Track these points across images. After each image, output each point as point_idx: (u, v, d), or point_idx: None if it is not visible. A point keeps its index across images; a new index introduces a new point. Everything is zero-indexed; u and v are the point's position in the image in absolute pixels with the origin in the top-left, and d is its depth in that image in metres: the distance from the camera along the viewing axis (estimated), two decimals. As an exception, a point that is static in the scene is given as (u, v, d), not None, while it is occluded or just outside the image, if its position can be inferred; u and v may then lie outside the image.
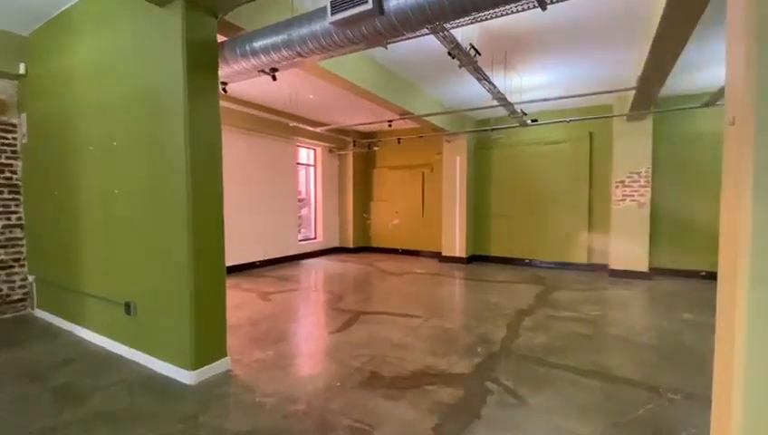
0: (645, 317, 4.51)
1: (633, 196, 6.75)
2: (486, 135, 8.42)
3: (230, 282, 6.27)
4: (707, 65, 5.00)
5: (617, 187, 6.86)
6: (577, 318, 4.46)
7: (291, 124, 6.84)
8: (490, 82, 4.33)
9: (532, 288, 6.00)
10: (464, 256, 8.31)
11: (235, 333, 3.84)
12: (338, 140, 9.30)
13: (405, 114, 6.06)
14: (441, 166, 8.63)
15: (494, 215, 8.45)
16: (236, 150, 7.04)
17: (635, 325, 4.19)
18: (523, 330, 4.04)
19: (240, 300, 5.22)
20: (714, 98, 5.06)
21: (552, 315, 4.57)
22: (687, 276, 6.73)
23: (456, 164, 8.34)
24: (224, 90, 3.82)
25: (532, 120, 6.43)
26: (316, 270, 7.74)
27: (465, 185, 8.25)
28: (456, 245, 8.38)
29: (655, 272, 6.68)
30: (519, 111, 5.92)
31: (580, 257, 7.58)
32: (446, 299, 5.52)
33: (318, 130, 7.33)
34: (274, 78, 3.91)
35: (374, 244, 10.16)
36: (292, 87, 6.18)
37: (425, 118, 6.36)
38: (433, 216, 9.03)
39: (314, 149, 9.50)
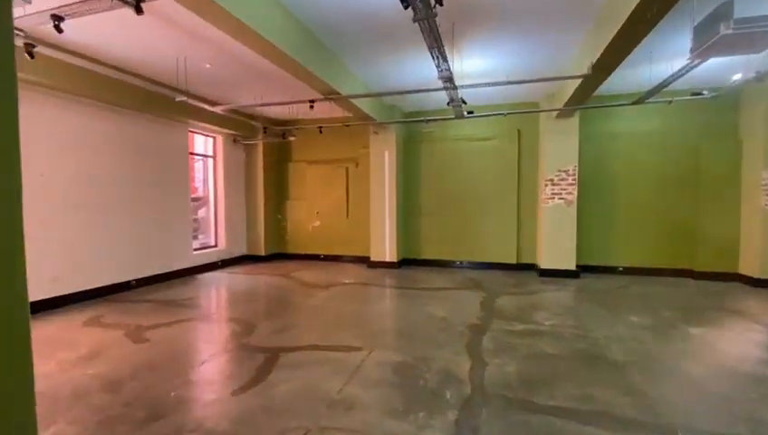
0: (598, 324, 4.19)
1: (561, 194, 6.70)
2: (416, 128, 7.78)
3: (86, 314, 4.48)
4: (639, 63, 4.97)
5: (546, 185, 6.75)
6: (535, 331, 3.93)
7: (177, 99, 5.22)
8: (441, 53, 3.53)
9: (473, 295, 5.44)
10: (395, 260, 7.53)
11: (75, 408, 2.38)
12: (244, 126, 7.76)
13: (331, 95, 4.99)
14: (368, 161, 7.73)
15: (425, 214, 7.85)
16: (90, 131, 5.17)
17: (595, 336, 3.80)
18: (487, 355, 3.32)
19: (96, 343, 3.60)
20: (647, 95, 5.06)
21: (508, 330, 3.98)
22: (608, 272, 6.92)
23: (384, 159, 7.51)
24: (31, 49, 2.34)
25: (469, 112, 5.90)
26: (218, 287, 6.19)
27: (394, 182, 7.48)
28: (387, 248, 7.56)
29: (581, 269, 6.72)
30: (460, 98, 5.31)
31: (510, 257, 7.38)
32: (386, 317, 4.61)
33: (217, 109, 5.80)
34: (139, 10, 2.55)
35: (291, 250, 8.82)
36: (179, 51, 4.65)
37: (352, 100, 5.36)
38: (359, 217, 8.08)
39: (213, 137, 7.80)
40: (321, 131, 6.71)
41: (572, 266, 6.67)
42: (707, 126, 6.48)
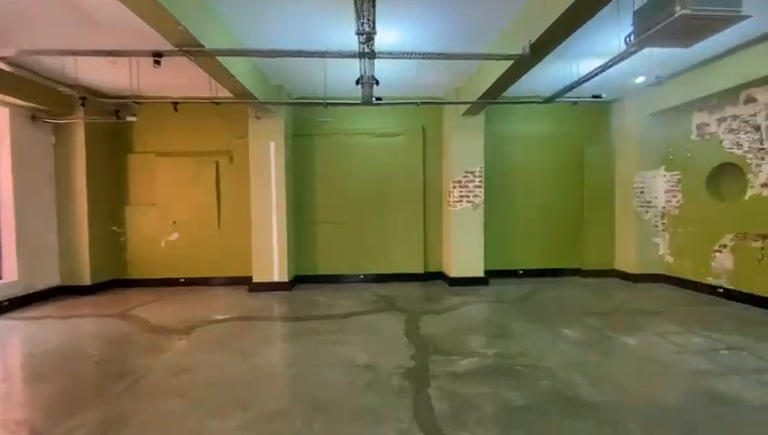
0: (539, 345, 3.62)
1: (469, 196, 6.26)
2: (310, 117, 6.43)
3: None
4: (552, 63, 4.73)
5: (453, 187, 6.23)
6: (484, 369, 3.08)
7: None
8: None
9: (392, 320, 4.43)
10: (285, 279, 6.02)
11: None
12: (49, 94, 5.21)
13: (188, 46, 3.33)
14: (246, 154, 6.05)
15: (321, 222, 6.56)
16: None
17: (549, 365, 3.15)
18: (447, 426, 2.28)
19: None
20: (560, 93, 4.86)
21: (454, 372, 3.04)
22: (510, 276, 6.78)
23: (269, 152, 5.96)
24: None
25: (377, 99, 4.90)
26: (2, 347, 3.77)
27: (283, 182, 5.99)
28: (274, 266, 6.00)
29: (487, 275, 6.38)
30: (372, 75, 4.24)
31: (417, 267, 6.67)
32: (284, 380, 3.13)
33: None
34: None
35: (134, 274, 6.43)
36: None
37: (222, 61, 3.77)
38: (236, 226, 6.30)
39: (-9, 110, 5.04)
40: (176, 109, 4.79)
41: (481, 273, 6.28)
42: (589, 131, 6.89)
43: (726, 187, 5.36)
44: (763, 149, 4.69)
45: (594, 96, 5.51)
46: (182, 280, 6.41)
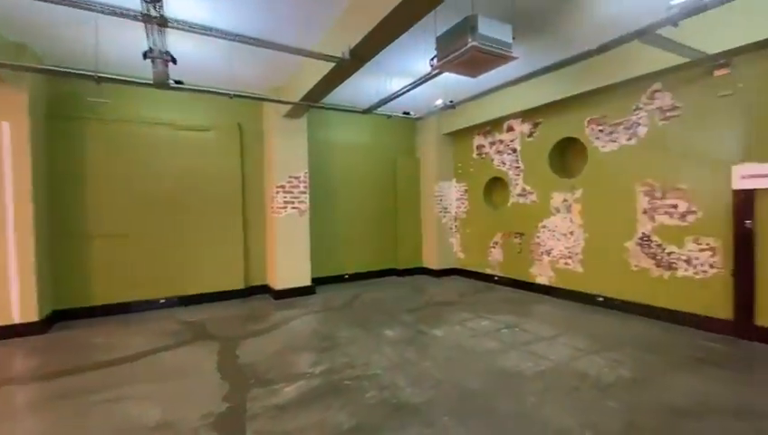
0: (365, 350, 3.61)
1: (294, 203, 5.95)
2: (77, 94, 4.80)
3: None
4: (370, 76, 4.94)
5: (277, 192, 5.80)
6: (309, 393, 2.82)
7: None
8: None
9: (201, 353, 3.67)
10: (34, 318, 4.26)
11: None
12: None
13: None
14: (-46, 138, 4.01)
15: (96, 235, 4.98)
16: None
17: (377, 372, 3.15)
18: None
19: None
20: (372, 107, 5.12)
21: (276, 405, 2.66)
22: (337, 282, 6.82)
23: (0, 136, 4.12)
24: None
25: (176, 82, 4.04)
26: None
27: (28, 180, 4.24)
28: (13, 299, 4.17)
29: (315, 282, 6.21)
30: (166, 52, 3.41)
31: (237, 282, 5.90)
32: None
33: None
34: None
35: None
36: None
37: None
38: (-68, 246, 4.08)
39: None
40: None
41: (309, 282, 6.05)
42: (401, 144, 7.64)
43: (497, 196, 6.81)
44: (518, 167, 6.13)
45: (405, 113, 6.09)
46: None
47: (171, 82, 3.87)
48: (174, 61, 3.57)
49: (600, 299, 4.93)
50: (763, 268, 3.56)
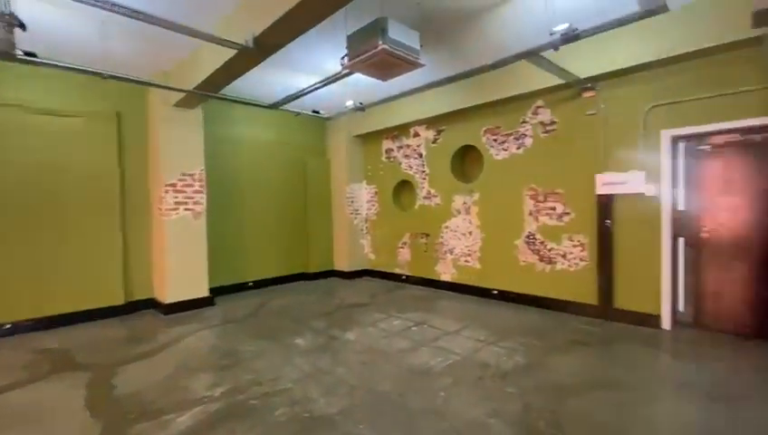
0: (278, 365, 3.35)
1: (188, 204, 5.30)
2: None
3: None
4: (276, 70, 4.64)
5: (167, 191, 5.10)
6: (209, 419, 2.49)
7: None
8: None
9: (64, 388, 2.99)
10: None
11: None
12: None
13: None
14: None
15: None
16: None
17: (287, 386, 2.93)
18: None
19: None
20: (279, 102, 4.84)
21: (167, 438, 2.29)
22: (240, 290, 6.28)
23: None
24: None
25: (27, 54, 3.27)
26: None
27: None
28: None
29: (213, 293, 5.62)
30: (11, 14, 2.71)
31: (114, 297, 5.02)
32: None
33: None
34: None
35: None
36: None
37: None
38: None
39: None
40: None
41: (206, 293, 5.45)
42: (311, 144, 7.40)
43: (405, 198, 7.03)
44: (424, 171, 6.42)
45: (314, 111, 5.90)
46: None
47: (19, 52, 3.10)
48: (23, 27, 2.85)
49: (495, 293, 5.43)
50: (620, 260, 4.30)
